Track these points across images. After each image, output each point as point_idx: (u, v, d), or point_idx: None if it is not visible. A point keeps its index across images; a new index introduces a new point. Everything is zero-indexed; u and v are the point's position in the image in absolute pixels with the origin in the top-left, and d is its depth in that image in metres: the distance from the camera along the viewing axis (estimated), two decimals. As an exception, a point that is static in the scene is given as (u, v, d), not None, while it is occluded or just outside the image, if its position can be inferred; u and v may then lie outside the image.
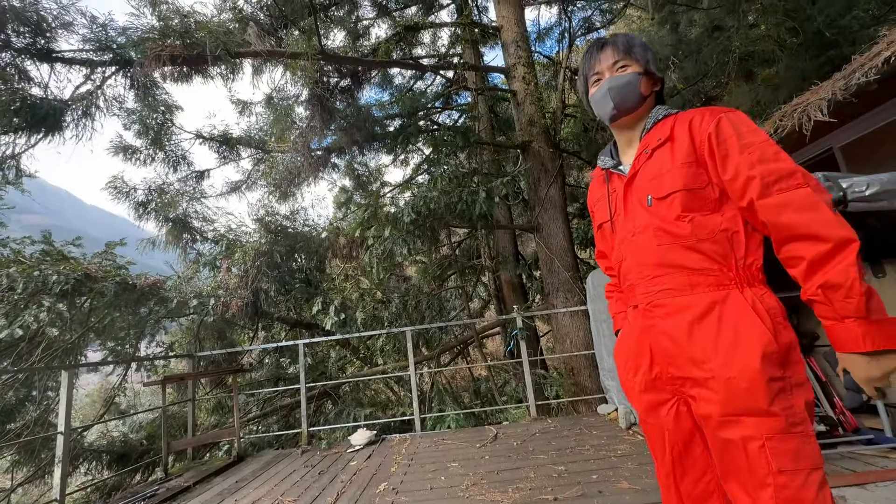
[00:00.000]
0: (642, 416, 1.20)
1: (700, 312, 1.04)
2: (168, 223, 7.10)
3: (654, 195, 1.13)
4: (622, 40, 1.25)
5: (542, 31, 9.25)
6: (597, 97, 1.26)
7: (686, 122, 1.13)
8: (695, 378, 1.04)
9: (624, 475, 2.69)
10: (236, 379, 4.74)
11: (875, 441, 2.52)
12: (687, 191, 1.08)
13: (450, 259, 7.58)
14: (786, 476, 0.91)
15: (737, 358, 0.97)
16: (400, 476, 3.17)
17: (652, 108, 1.26)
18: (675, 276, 1.09)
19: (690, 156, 1.10)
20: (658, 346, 1.11)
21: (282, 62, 6.35)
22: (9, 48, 4.43)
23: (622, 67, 1.23)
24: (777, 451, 0.93)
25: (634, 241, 1.17)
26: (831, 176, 2.30)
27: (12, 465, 4.88)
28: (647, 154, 1.17)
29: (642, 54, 1.24)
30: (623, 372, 1.25)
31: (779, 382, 0.95)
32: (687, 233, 1.07)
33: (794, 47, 5.54)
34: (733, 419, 0.97)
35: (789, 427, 0.93)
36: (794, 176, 0.97)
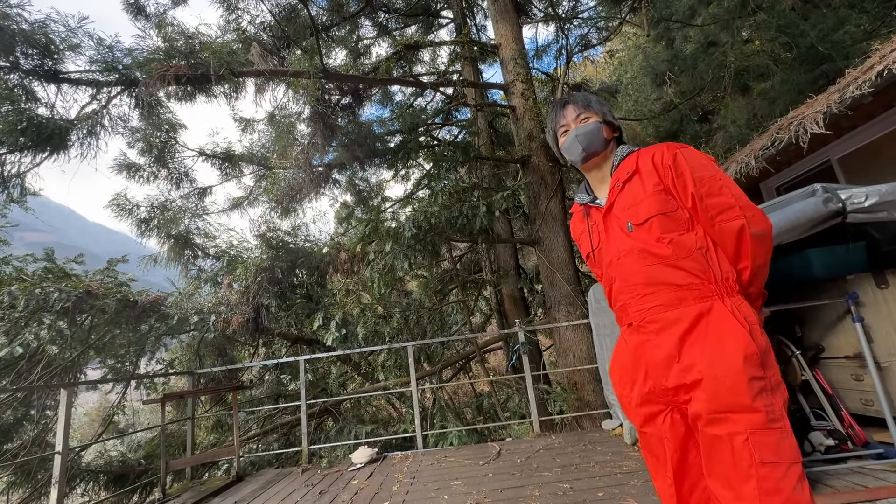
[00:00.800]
0: (640, 427, 1.27)
1: (690, 324, 1.15)
2: (170, 240, 7.13)
3: (633, 221, 1.27)
4: (581, 98, 1.47)
5: (540, 49, 9.41)
6: (566, 144, 1.44)
7: (649, 157, 1.29)
8: (686, 383, 1.13)
9: (630, 492, 2.64)
10: (236, 396, 4.70)
11: (885, 455, 2.47)
12: (662, 214, 1.22)
13: (451, 273, 7.57)
14: (767, 468, 1.00)
15: (721, 359, 1.08)
16: (402, 495, 3.11)
17: (615, 149, 1.43)
18: (664, 293, 1.20)
19: (658, 185, 1.25)
20: (652, 360, 1.20)
21: (284, 81, 6.46)
22: (17, 69, 4.52)
23: (584, 119, 1.42)
24: (759, 445, 1.02)
25: (621, 264, 1.30)
26: (830, 187, 2.32)
27: (8, 487, 4.80)
28: (619, 187, 1.33)
29: (599, 108, 1.44)
30: (619, 387, 1.34)
31: (760, 381, 1.06)
32: (668, 253, 1.20)
33: (789, 62, 5.63)
34: (720, 416, 1.07)
35: (770, 423, 1.03)
36: (733, 209, 1.18)
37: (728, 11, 6.51)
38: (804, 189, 2.39)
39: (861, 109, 3.23)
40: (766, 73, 6.07)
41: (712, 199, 1.19)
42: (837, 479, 2.33)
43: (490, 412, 6.68)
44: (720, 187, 1.19)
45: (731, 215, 1.18)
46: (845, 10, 5.63)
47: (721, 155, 6.12)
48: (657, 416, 1.22)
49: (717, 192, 1.19)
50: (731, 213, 1.18)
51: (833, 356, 2.87)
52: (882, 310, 2.56)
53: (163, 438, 3.96)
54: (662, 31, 8.36)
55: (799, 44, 5.44)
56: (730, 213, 1.18)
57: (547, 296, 6.08)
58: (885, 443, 2.56)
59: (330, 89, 6.71)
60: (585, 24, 8.65)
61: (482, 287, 8.74)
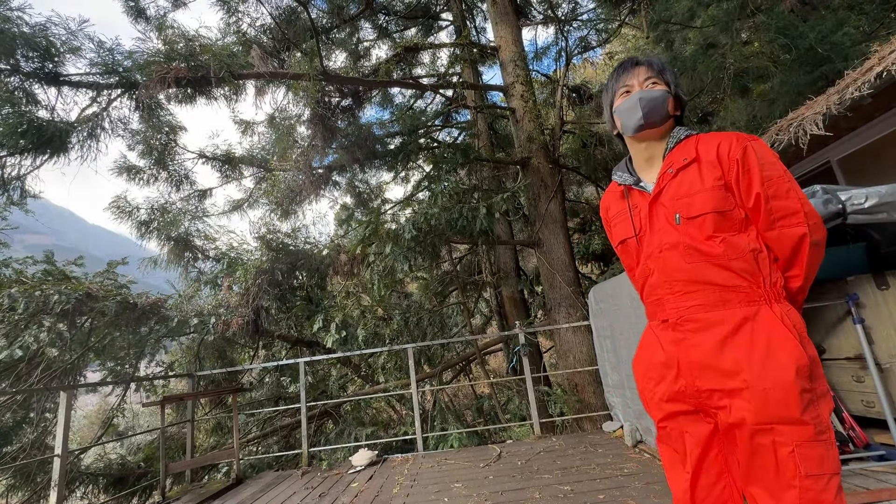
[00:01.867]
0: (662, 422, 1.23)
1: (733, 327, 1.10)
2: (170, 242, 7.12)
3: (683, 214, 1.17)
4: (656, 61, 1.32)
5: (540, 51, 9.43)
6: (625, 106, 1.30)
7: (713, 146, 1.19)
8: (725, 389, 1.09)
9: (631, 494, 2.63)
10: (236, 398, 4.69)
11: (887, 457, 2.47)
12: (718, 213, 1.14)
13: (451, 275, 7.57)
14: (811, 480, 0.98)
15: (771, 370, 1.04)
16: (402, 498, 3.10)
17: (673, 129, 1.30)
18: (707, 293, 1.14)
19: (720, 179, 1.15)
20: (687, 359, 1.15)
21: (284, 83, 6.47)
22: (17, 72, 4.52)
23: (653, 83, 1.29)
24: (805, 457, 0.99)
25: (662, 258, 1.21)
26: (830, 189, 2.32)
27: (7, 490, 4.78)
28: (671, 173, 1.22)
29: (672, 78, 1.31)
30: (644, 381, 1.28)
31: (809, 394, 1.02)
32: (720, 252, 1.13)
33: (788, 63, 5.64)
34: (767, 427, 1.03)
35: (817, 435, 1.01)
36: (797, 215, 1.12)
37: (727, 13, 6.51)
38: (804, 190, 2.39)
39: (860, 111, 3.23)
40: (765, 75, 6.08)
41: (778, 202, 1.13)
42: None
43: (490, 414, 6.67)
44: (787, 190, 1.13)
45: (795, 221, 1.12)
46: (844, 11, 5.64)
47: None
48: (680, 416, 1.19)
49: (784, 194, 1.13)
50: (795, 218, 1.12)
51: (834, 358, 2.87)
52: (882, 311, 2.56)
53: (162, 441, 3.95)
54: (662, 33, 8.37)
55: (798, 45, 5.45)
56: (793, 219, 1.12)
57: (547, 297, 6.07)
58: (887, 444, 2.55)
59: (330, 91, 6.72)
60: (585, 26, 8.67)
61: (482, 289, 8.73)
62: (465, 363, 7.72)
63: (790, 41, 5.48)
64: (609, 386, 4.33)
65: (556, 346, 6.06)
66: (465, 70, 8.26)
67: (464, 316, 7.14)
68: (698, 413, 1.16)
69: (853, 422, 2.67)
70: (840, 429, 2.67)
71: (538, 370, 7.19)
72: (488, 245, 6.61)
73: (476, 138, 7.90)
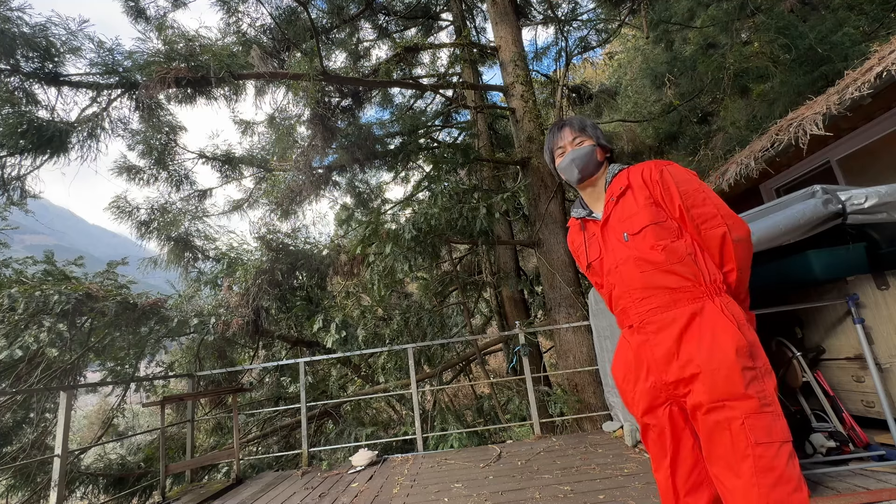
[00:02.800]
0: (642, 419, 1.39)
1: (685, 323, 1.27)
2: (170, 242, 7.13)
3: (629, 231, 1.39)
4: (577, 121, 1.59)
5: (540, 51, 9.44)
6: (563, 165, 1.56)
7: (638, 173, 1.43)
8: (685, 377, 1.25)
9: (631, 494, 2.64)
10: (236, 399, 4.68)
11: (887, 457, 2.46)
12: (654, 224, 1.35)
13: (451, 275, 7.57)
14: (762, 447, 1.12)
15: (716, 353, 1.20)
16: (402, 498, 3.10)
17: (608, 168, 1.56)
18: (660, 296, 1.32)
19: (648, 198, 1.38)
20: (653, 357, 1.32)
21: (284, 83, 6.47)
22: (17, 73, 4.52)
23: (579, 142, 1.54)
24: (754, 427, 1.14)
25: (619, 271, 1.41)
26: (830, 189, 2.32)
27: (7, 490, 4.78)
28: (613, 201, 1.46)
29: (593, 132, 1.57)
30: (623, 384, 1.45)
31: (751, 371, 1.19)
32: (662, 259, 1.32)
33: (788, 63, 5.64)
34: (719, 404, 1.19)
35: (762, 407, 1.16)
36: (715, 217, 1.32)
37: (727, 13, 6.52)
38: (804, 190, 2.39)
39: (860, 111, 3.23)
40: (765, 75, 6.08)
41: (697, 210, 1.33)
42: (839, 481, 2.32)
43: (490, 414, 6.67)
44: (703, 199, 1.34)
45: (714, 223, 1.32)
46: (844, 11, 5.65)
47: (721, 156, 6.13)
48: (658, 409, 1.34)
49: (701, 203, 1.33)
50: (714, 221, 1.32)
51: (834, 357, 2.87)
52: (882, 311, 2.56)
53: (162, 441, 3.95)
54: (662, 34, 8.38)
55: (798, 45, 5.45)
56: (713, 222, 1.32)
57: (547, 298, 6.07)
58: (887, 444, 2.55)
59: (330, 91, 6.72)
60: (585, 26, 8.68)
61: (482, 289, 8.73)
62: (465, 363, 7.72)
63: (790, 41, 5.49)
64: (609, 386, 4.33)
65: (556, 346, 6.06)
66: (464, 70, 8.26)
67: (464, 316, 7.14)
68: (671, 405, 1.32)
69: (853, 422, 2.66)
70: (840, 428, 2.67)
71: (538, 370, 7.19)
72: (488, 245, 6.61)
73: (476, 138, 7.90)
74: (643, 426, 1.39)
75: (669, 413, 1.32)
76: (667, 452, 1.33)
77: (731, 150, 5.80)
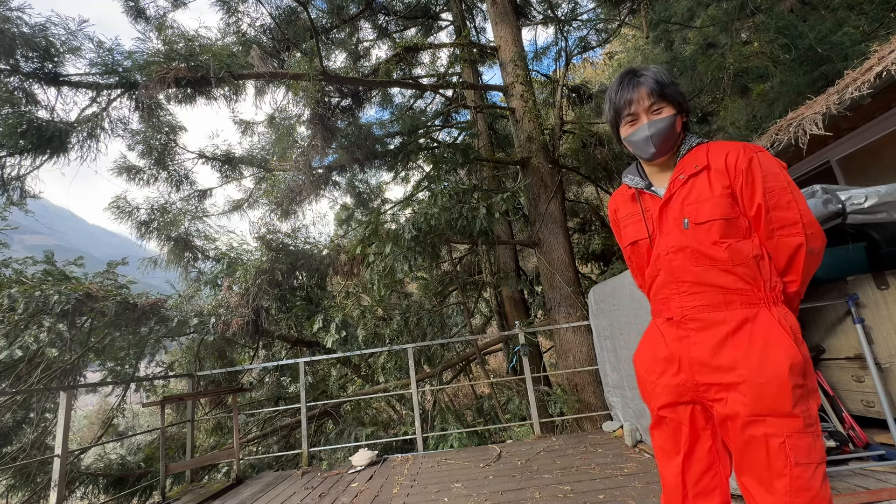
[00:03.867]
0: (660, 412, 1.30)
1: (734, 327, 1.17)
2: (170, 242, 7.12)
3: (692, 219, 1.24)
4: (655, 80, 1.30)
5: (539, 51, 9.43)
6: (636, 138, 1.32)
7: (722, 155, 1.25)
8: (722, 383, 1.17)
9: (631, 494, 2.64)
10: (236, 399, 4.69)
11: (887, 457, 2.47)
12: (725, 220, 1.20)
13: (451, 275, 7.57)
14: (801, 468, 1.07)
15: (768, 366, 1.12)
16: (402, 498, 3.10)
17: (683, 139, 1.34)
18: (711, 294, 1.21)
19: (727, 188, 1.22)
20: (688, 355, 1.23)
21: (284, 83, 6.46)
22: (17, 73, 4.52)
23: (657, 111, 1.29)
24: (795, 448, 1.08)
25: (669, 259, 1.28)
26: (830, 189, 2.32)
27: (7, 490, 4.78)
28: (682, 180, 1.28)
29: (674, 94, 1.30)
30: (646, 374, 1.35)
31: (801, 389, 1.11)
32: (725, 257, 1.20)
33: (788, 63, 5.64)
34: (759, 419, 1.12)
35: (806, 427, 1.09)
36: (796, 225, 1.19)
37: (727, 13, 6.52)
38: (804, 190, 2.39)
39: (860, 111, 3.23)
40: (765, 75, 6.08)
41: (778, 213, 1.19)
42: (839, 481, 2.32)
43: (490, 414, 6.67)
44: (788, 201, 1.19)
45: (793, 231, 1.19)
46: (844, 11, 5.65)
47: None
48: (679, 406, 1.27)
49: (785, 205, 1.19)
50: (794, 229, 1.19)
51: (834, 357, 2.87)
52: (882, 311, 2.56)
53: (162, 441, 3.95)
54: (661, 33, 8.38)
55: (798, 45, 5.45)
56: (791, 230, 1.19)
57: (547, 297, 6.07)
58: (887, 444, 2.55)
59: (330, 91, 6.72)
60: (584, 26, 8.67)
61: (482, 289, 8.73)
62: (465, 363, 7.71)
63: (790, 41, 5.48)
64: (609, 386, 4.33)
65: (556, 346, 6.06)
66: (464, 70, 8.26)
67: (464, 316, 7.14)
68: (695, 405, 1.25)
69: (853, 421, 2.67)
70: (840, 428, 2.67)
71: (538, 370, 7.20)
72: (488, 245, 6.61)
73: (476, 138, 7.90)
74: (657, 418, 1.32)
75: (691, 411, 1.25)
76: (680, 449, 1.26)
77: (730, 150, 5.78)
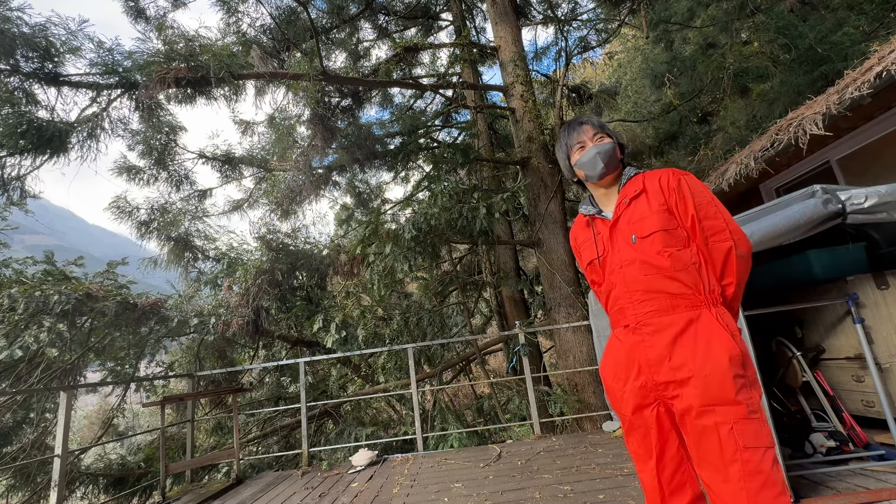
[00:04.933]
0: (630, 418, 1.42)
1: (681, 328, 1.32)
2: (170, 242, 7.12)
3: (638, 235, 1.42)
4: (595, 120, 1.62)
5: (539, 51, 9.43)
6: (585, 159, 1.55)
7: (656, 179, 1.47)
8: (676, 380, 1.30)
9: (631, 494, 2.64)
10: (236, 399, 4.69)
11: (887, 457, 2.46)
12: (664, 231, 1.39)
13: (451, 275, 7.57)
14: (749, 452, 1.19)
15: (710, 359, 1.26)
16: (402, 498, 3.10)
17: (623, 170, 1.58)
18: (659, 300, 1.37)
19: (663, 204, 1.42)
20: (645, 358, 1.36)
21: (284, 83, 6.47)
22: (17, 73, 4.52)
23: (601, 138, 1.56)
24: (742, 432, 1.20)
25: (623, 272, 1.44)
26: (829, 188, 2.32)
27: (7, 490, 4.78)
28: (626, 203, 1.48)
29: (611, 132, 1.60)
30: (613, 382, 1.48)
31: (741, 379, 1.25)
32: (668, 265, 1.36)
33: (788, 63, 5.64)
34: (709, 408, 1.24)
35: (750, 413, 1.22)
36: (724, 232, 1.38)
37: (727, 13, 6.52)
38: (804, 190, 2.39)
39: (860, 111, 3.23)
40: (765, 75, 6.08)
41: (708, 222, 1.39)
42: (839, 481, 2.32)
43: (490, 414, 6.67)
44: (714, 212, 1.40)
45: (723, 237, 1.38)
46: (844, 11, 5.65)
47: (720, 156, 6.12)
48: (646, 409, 1.38)
49: (713, 216, 1.40)
50: (723, 235, 1.38)
51: (834, 357, 2.87)
52: (882, 311, 2.56)
53: (162, 441, 3.95)
54: (661, 33, 8.38)
55: (798, 45, 5.45)
56: (721, 236, 1.38)
57: (547, 297, 6.07)
58: (887, 444, 2.55)
59: (330, 91, 6.72)
60: (584, 26, 8.67)
61: (482, 289, 8.73)
62: (465, 363, 7.71)
63: (790, 41, 5.49)
64: (609, 386, 4.33)
65: (556, 346, 6.06)
66: (464, 70, 8.26)
67: (464, 316, 7.14)
68: (658, 406, 1.36)
69: (853, 421, 2.67)
70: (840, 428, 2.67)
71: (538, 370, 7.19)
72: (488, 245, 6.61)
73: (476, 138, 7.90)
74: (629, 425, 1.44)
75: (657, 415, 1.36)
76: (652, 454, 1.37)
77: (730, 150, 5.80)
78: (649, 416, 1.37)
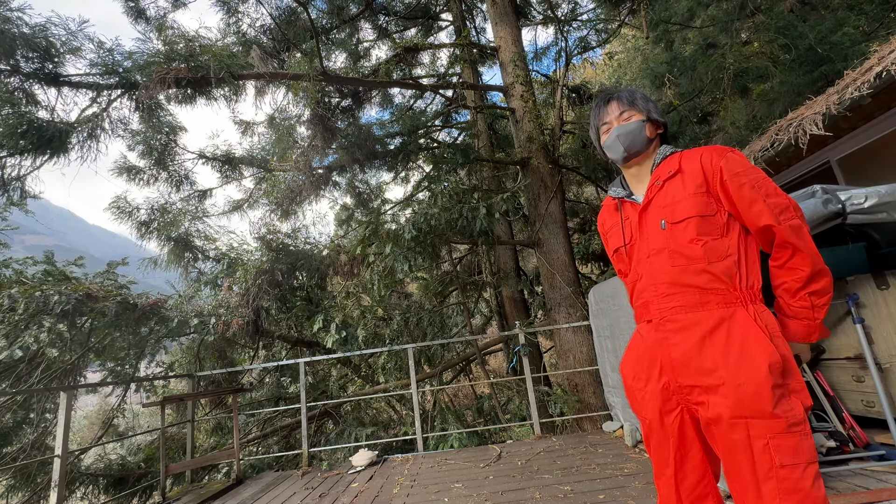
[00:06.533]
0: (649, 422, 1.30)
1: (710, 327, 1.17)
2: (170, 242, 7.12)
3: (669, 220, 1.27)
4: (625, 94, 1.44)
5: (539, 51, 9.43)
6: (608, 143, 1.42)
7: (696, 158, 1.30)
8: (703, 385, 1.16)
9: (631, 494, 2.64)
10: (236, 399, 4.69)
11: (887, 457, 2.46)
12: (700, 217, 1.22)
13: (451, 275, 7.57)
14: (787, 469, 1.05)
15: (745, 367, 1.11)
16: (402, 498, 3.10)
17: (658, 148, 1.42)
18: (688, 294, 1.22)
19: (702, 186, 1.25)
20: (668, 357, 1.23)
21: (284, 83, 6.47)
22: (17, 73, 4.52)
23: (627, 117, 1.40)
24: (779, 449, 1.06)
25: (649, 262, 1.30)
26: (829, 188, 2.32)
27: (7, 490, 4.78)
28: (658, 185, 1.32)
29: (643, 105, 1.41)
30: (633, 381, 1.35)
31: (780, 389, 1.10)
32: (700, 255, 1.21)
33: (788, 63, 5.64)
34: (741, 421, 1.10)
35: (789, 427, 1.07)
36: (790, 210, 1.20)
37: (727, 13, 6.53)
38: (804, 190, 2.39)
39: (860, 111, 3.23)
40: (765, 75, 6.08)
41: (772, 199, 1.19)
42: (839, 481, 2.32)
43: (490, 414, 6.67)
44: (775, 189, 1.22)
45: (790, 215, 1.19)
46: (844, 11, 5.65)
47: (720, 156, 6.10)
48: (668, 415, 1.25)
49: (774, 192, 1.21)
50: (789, 213, 1.19)
51: (834, 357, 2.87)
52: (882, 311, 2.56)
53: (162, 441, 3.95)
54: (661, 34, 8.38)
55: (798, 45, 5.45)
56: (788, 213, 1.19)
57: (547, 298, 6.07)
58: (887, 444, 2.55)
59: (330, 92, 6.72)
60: (584, 26, 8.67)
61: (482, 289, 8.73)
62: (465, 363, 7.71)
63: (790, 41, 5.48)
64: (609, 386, 4.33)
65: (556, 346, 6.06)
66: (464, 70, 8.26)
67: (464, 316, 7.14)
68: (682, 412, 1.23)
69: (853, 421, 2.67)
70: (840, 428, 2.67)
71: (538, 370, 7.19)
72: (488, 245, 6.61)
73: (476, 138, 7.90)
74: (648, 428, 1.32)
75: (680, 422, 1.23)
76: (669, 463, 1.25)
77: (730, 150, 5.78)
78: (671, 424, 1.24)
